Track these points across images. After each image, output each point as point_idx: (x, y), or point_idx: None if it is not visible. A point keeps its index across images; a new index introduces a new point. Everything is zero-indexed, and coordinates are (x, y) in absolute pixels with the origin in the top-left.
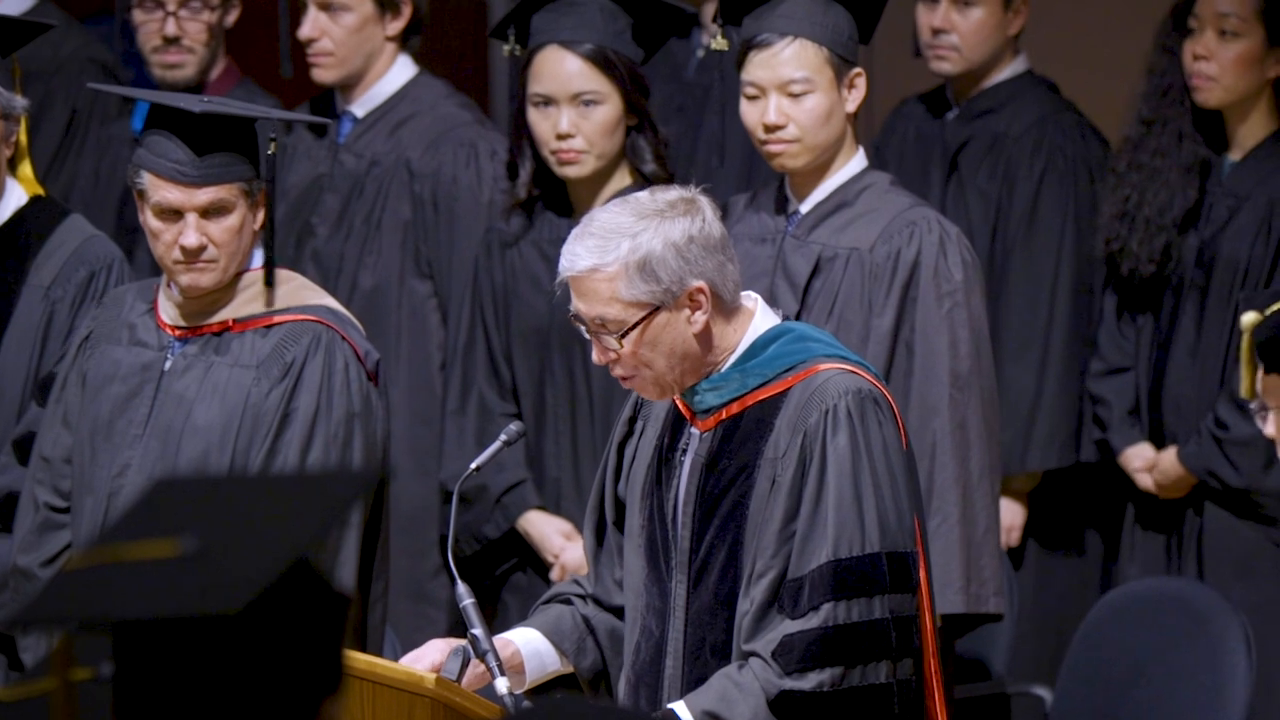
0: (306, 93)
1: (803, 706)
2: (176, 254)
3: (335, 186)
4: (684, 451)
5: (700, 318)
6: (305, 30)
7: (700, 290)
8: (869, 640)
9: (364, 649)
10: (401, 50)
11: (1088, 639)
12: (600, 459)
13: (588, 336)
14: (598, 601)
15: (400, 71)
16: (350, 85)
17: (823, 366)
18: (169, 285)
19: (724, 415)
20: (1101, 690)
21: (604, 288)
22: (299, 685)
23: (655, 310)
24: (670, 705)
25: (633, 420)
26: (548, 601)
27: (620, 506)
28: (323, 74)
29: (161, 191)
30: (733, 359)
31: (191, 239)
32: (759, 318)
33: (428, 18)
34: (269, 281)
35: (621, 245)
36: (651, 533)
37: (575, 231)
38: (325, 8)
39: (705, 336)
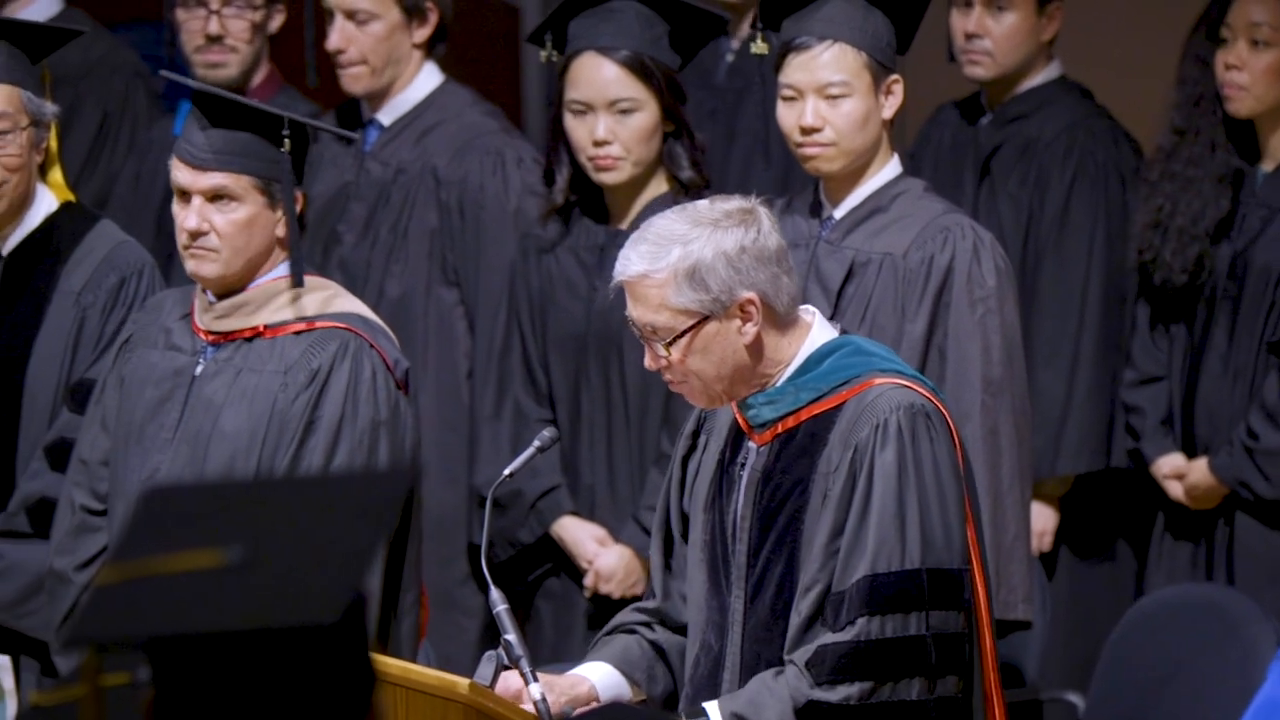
0: (332, 101)
1: (828, 718)
2: (184, 238)
3: (361, 195)
4: (742, 466)
5: (751, 329)
6: (333, 41)
7: (751, 301)
8: (902, 656)
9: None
10: (427, 58)
11: (1120, 645)
12: (635, 465)
13: (641, 341)
14: (665, 619)
15: (426, 79)
16: (377, 93)
17: (878, 381)
18: (204, 290)
19: (780, 429)
20: (1134, 696)
21: (654, 294)
22: (330, 695)
23: (704, 319)
24: (704, 704)
25: (696, 434)
26: (610, 632)
27: (687, 521)
28: (353, 84)
29: (175, 171)
30: (788, 372)
31: (191, 221)
32: (816, 331)
33: (450, 21)
34: (297, 283)
35: (672, 252)
36: (712, 547)
37: (633, 237)
38: (351, 17)
39: (756, 348)
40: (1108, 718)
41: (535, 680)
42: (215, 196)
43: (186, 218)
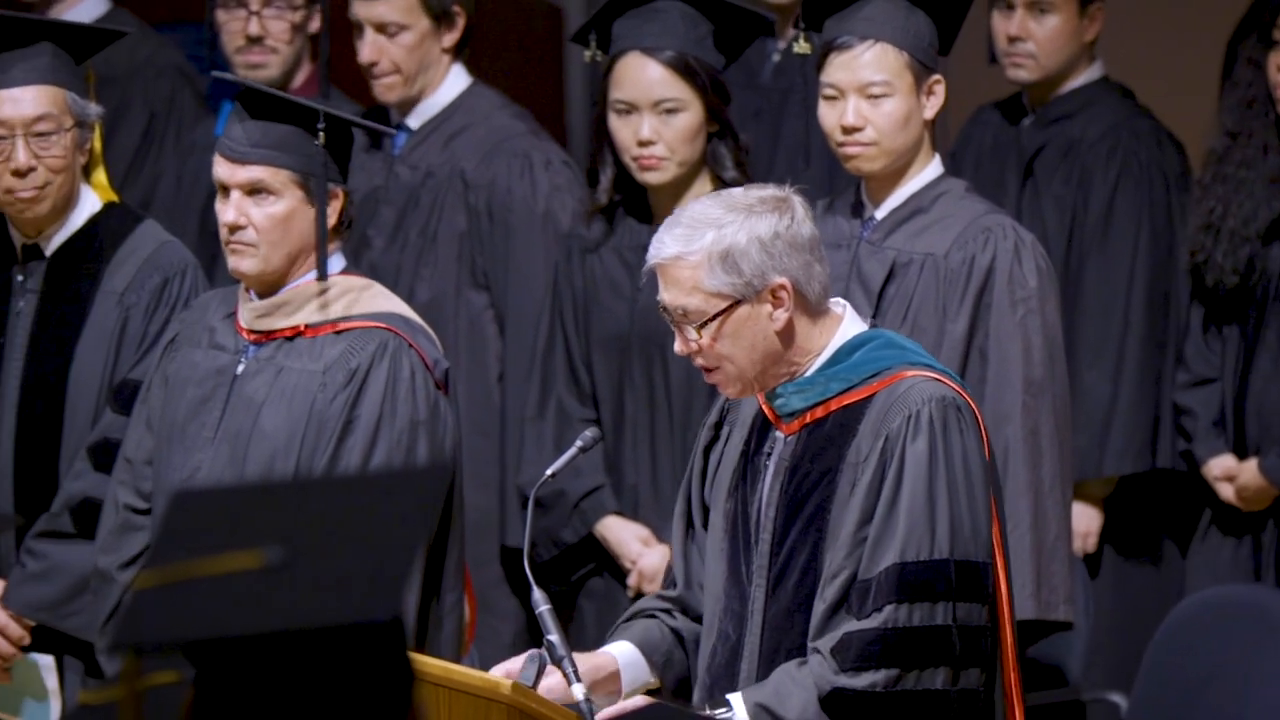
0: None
1: (853, 705)
2: (223, 233)
3: (390, 199)
4: (768, 455)
5: (782, 315)
6: (365, 54)
7: (782, 287)
8: (928, 645)
9: None
10: (455, 60)
11: (1164, 646)
12: (679, 464)
13: (672, 327)
14: (685, 607)
15: (454, 82)
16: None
17: (908, 374)
18: (248, 290)
19: (808, 419)
20: (1177, 697)
21: (686, 276)
22: (368, 695)
23: (736, 303)
24: (727, 695)
25: (718, 425)
26: (631, 618)
27: (707, 511)
28: (387, 94)
29: (215, 166)
30: (818, 363)
31: (229, 214)
32: (847, 323)
33: (474, 21)
34: (321, 277)
35: (706, 235)
36: (734, 536)
37: (667, 221)
38: (382, 29)
39: (787, 335)
40: (1151, 719)
41: (578, 680)
42: (253, 191)
43: (225, 211)
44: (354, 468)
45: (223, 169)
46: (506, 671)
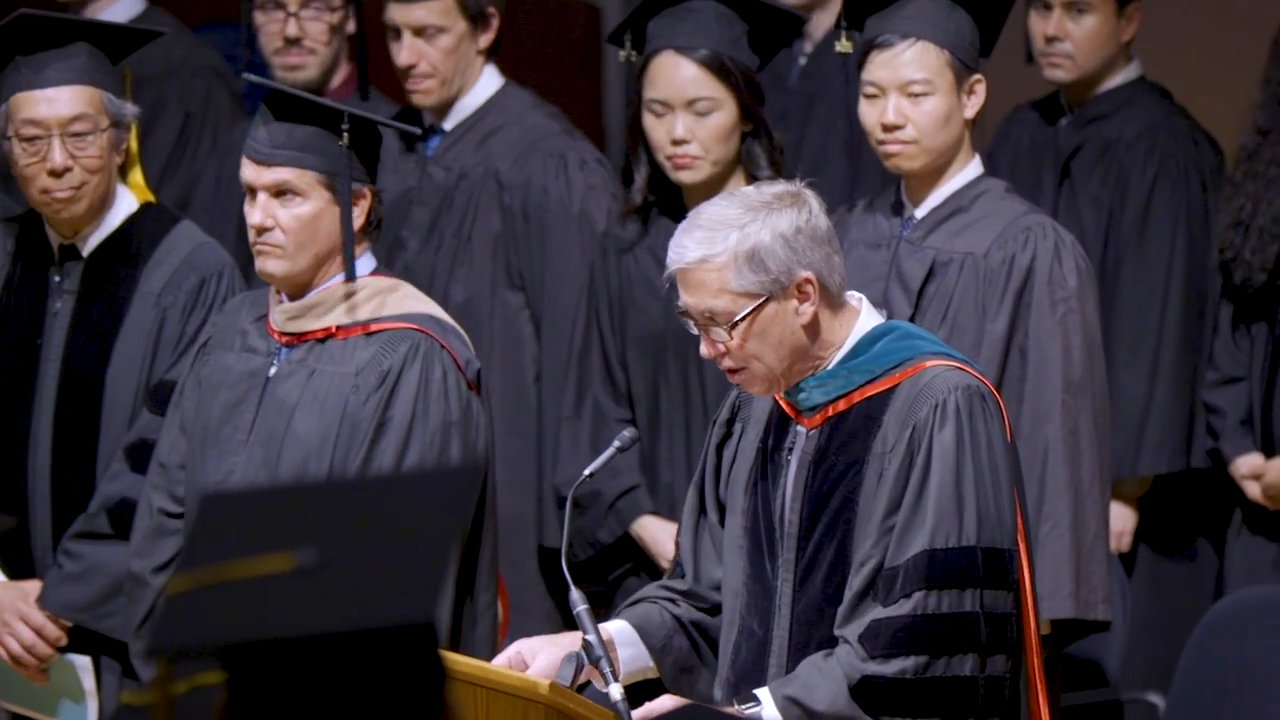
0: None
1: (884, 692)
2: (251, 235)
3: (424, 200)
4: (790, 450)
5: (808, 309)
6: (403, 58)
7: (808, 281)
8: (956, 632)
9: None
10: (488, 62)
11: (1201, 645)
12: None
13: (694, 331)
14: (695, 598)
15: (487, 83)
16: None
17: (930, 363)
18: (278, 292)
19: (831, 412)
20: (1215, 697)
21: (713, 278)
22: (401, 695)
23: (765, 301)
24: (754, 690)
25: (730, 422)
26: (632, 604)
27: (722, 508)
28: (425, 98)
29: (242, 169)
30: (839, 356)
31: (255, 216)
32: (864, 316)
33: (505, 22)
34: (349, 278)
35: (730, 236)
36: (755, 532)
37: (683, 225)
38: (420, 33)
39: (813, 329)
40: (1188, 718)
41: (616, 681)
42: (279, 192)
43: (252, 213)
44: (387, 469)
45: (249, 171)
46: (511, 663)
